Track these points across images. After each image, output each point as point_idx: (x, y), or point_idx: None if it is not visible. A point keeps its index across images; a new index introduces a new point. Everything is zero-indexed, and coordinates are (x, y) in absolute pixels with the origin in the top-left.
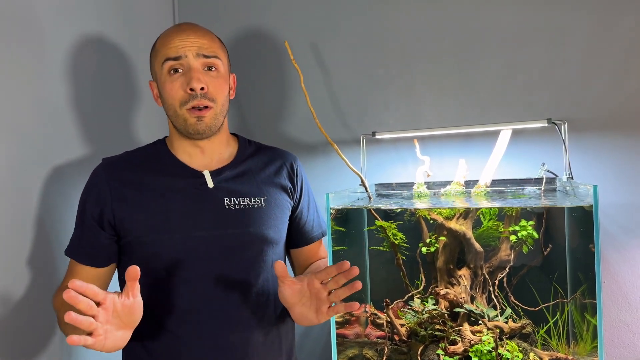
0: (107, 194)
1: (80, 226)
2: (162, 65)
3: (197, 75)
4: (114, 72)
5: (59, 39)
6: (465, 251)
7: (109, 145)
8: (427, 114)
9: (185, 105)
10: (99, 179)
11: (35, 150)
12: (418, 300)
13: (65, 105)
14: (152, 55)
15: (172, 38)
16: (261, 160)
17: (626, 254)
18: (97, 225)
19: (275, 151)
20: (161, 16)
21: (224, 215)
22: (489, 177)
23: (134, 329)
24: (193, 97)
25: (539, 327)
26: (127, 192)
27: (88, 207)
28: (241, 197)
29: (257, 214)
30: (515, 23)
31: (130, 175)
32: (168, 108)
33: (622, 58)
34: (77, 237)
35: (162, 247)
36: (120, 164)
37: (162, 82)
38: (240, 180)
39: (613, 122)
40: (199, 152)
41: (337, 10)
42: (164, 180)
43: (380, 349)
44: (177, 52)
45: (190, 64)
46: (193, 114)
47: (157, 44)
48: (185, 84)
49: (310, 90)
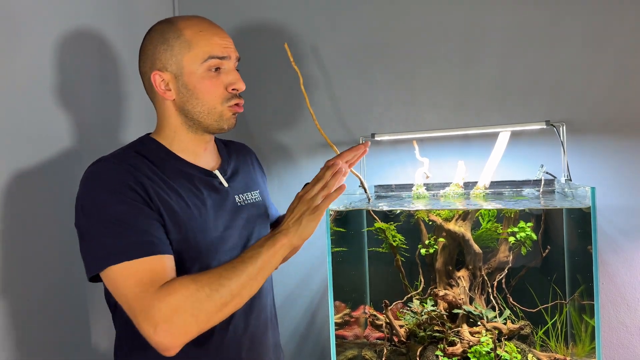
0: (144, 186)
1: (123, 222)
2: (202, 61)
3: (240, 77)
4: (112, 70)
5: (56, 36)
6: (464, 252)
7: (98, 143)
8: (426, 115)
9: (227, 103)
10: (126, 172)
11: (26, 147)
12: (417, 302)
13: (59, 103)
14: (175, 44)
15: (211, 35)
16: (238, 154)
17: (624, 256)
18: (150, 209)
19: (239, 144)
20: (160, 16)
21: (238, 214)
22: (488, 179)
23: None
24: (235, 96)
25: (537, 329)
26: (158, 190)
27: (126, 196)
28: (244, 193)
29: (259, 208)
30: (514, 25)
31: (150, 173)
32: (201, 104)
33: (621, 60)
34: (126, 233)
35: (197, 248)
36: (135, 162)
37: (200, 77)
38: (237, 177)
39: (611, 124)
40: (202, 150)
41: (337, 13)
42: (183, 181)
43: (379, 350)
44: (223, 52)
45: (232, 65)
46: (232, 109)
47: (189, 36)
48: (229, 83)
49: (309, 92)
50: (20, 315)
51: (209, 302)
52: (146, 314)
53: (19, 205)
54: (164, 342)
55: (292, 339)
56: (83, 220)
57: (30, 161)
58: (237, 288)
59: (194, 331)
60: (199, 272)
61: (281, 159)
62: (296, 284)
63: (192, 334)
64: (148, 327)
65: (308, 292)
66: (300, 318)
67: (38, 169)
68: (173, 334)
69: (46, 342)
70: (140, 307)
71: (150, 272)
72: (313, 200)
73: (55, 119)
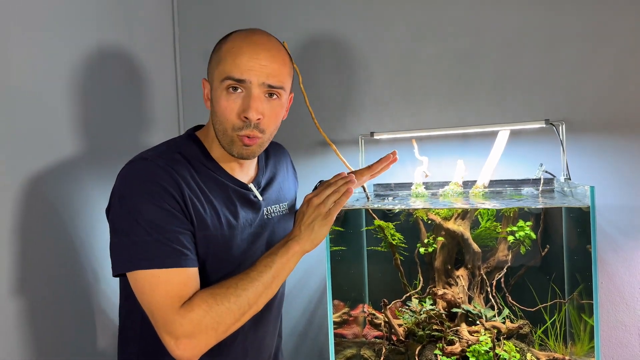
0: (182, 193)
1: (158, 227)
2: (221, 80)
3: (255, 106)
4: (113, 72)
5: (59, 39)
6: (463, 251)
7: (110, 146)
8: (426, 114)
9: (236, 131)
10: (167, 176)
11: (33, 150)
12: (416, 301)
13: (64, 107)
14: (214, 55)
15: (241, 54)
16: (275, 160)
17: (623, 255)
18: (185, 218)
19: (276, 145)
20: (160, 17)
21: (265, 226)
22: (487, 178)
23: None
24: (246, 126)
25: (536, 328)
26: (194, 200)
27: (165, 202)
28: (273, 205)
29: (286, 221)
30: (513, 24)
31: (190, 179)
32: (218, 123)
33: (620, 59)
34: (160, 240)
35: (220, 263)
36: (177, 166)
37: (218, 96)
38: (271, 188)
39: (611, 123)
40: (237, 166)
41: (336, 11)
42: (219, 191)
43: (378, 349)
44: (242, 75)
45: (252, 91)
46: (242, 140)
47: (224, 51)
48: (241, 109)
49: (309, 91)
50: (28, 314)
51: (228, 314)
52: (169, 327)
53: (27, 205)
54: (185, 355)
55: (291, 337)
56: (119, 215)
57: (40, 163)
58: (254, 297)
59: (214, 343)
60: (217, 284)
61: None
62: (295, 282)
63: (211, 345)
64: (170, 340)
65: (307, 290)
66: (299, 317)
67: (48, 170)
68: (194, 347)
69: (54, 340)
70: (163, 320)
71: (178, 284)
72: (324, 204)
73: (61, 120)
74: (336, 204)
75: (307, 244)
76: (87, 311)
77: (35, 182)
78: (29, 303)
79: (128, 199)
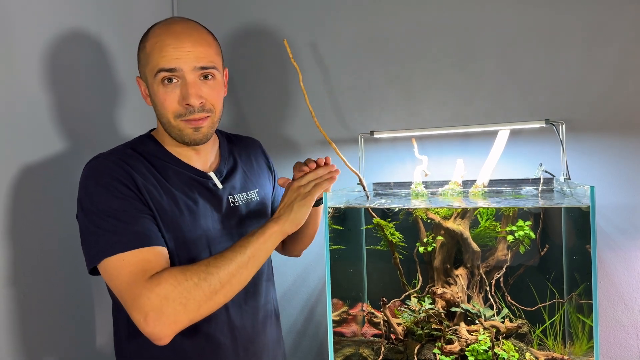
0: (134, 181)
1: (117, 216)
2: (154, 75)
3: (193, 91)
4: (109, 69)
5: (53, 35)
6: (463, 251)
7: (95, 142)
8: (426, 113)
9: (180, 118)
10: (117, 167)
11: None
12: (415, 300)
13: (53, 103)
14: (141, 54)
15: (165, 45)
16: (242, 151)
17: (622, 255)
18: (142, 204)
19: (245, 139)
20: (160, 14)
21: (231, 214)
22: (487, 177)
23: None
24: (190, 112)
25: (535, 327)
26: (150, 188)
27: (119, 191)
28: (240, 193)
29: (257, 207)
30: (513, 23)
31: (145, 170)
32: (161, 116)
33: (620, 59)
34: (120, 227)
35: (187, 247)
36: (129, 159)
37: (155, 90)
38: (234, 177)
39: (611, 123)
40: (194, 154)
41: (337, 10)
42: (177, 181)
43: (377, 347)
44: (171, 64)
45: (186, 77)
46: (190, 124)
47: (148, 47)
48: (181, 98)
49: (309, 89)
50: (25, 309)
51: (198, 290)
52: (136, 303)
53: (24, 200)
54: (155, 331)
55: (290, 335)
56: (81, 215)
57: (34, 158)
58: (226, 276)
59: (184, 320)
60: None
61: (280, 156)
62: (294, 281)
63: (182, 322)
64: (138, 316)
65: (306, 289)
66: (298, 315)
67: (42, 166)
68: (163, 323)
69: (51, 336)
70: (131, 296)
71: (142, 262)
72: (304, 187)
73: (56, 116)
74: (317, 185)
75: (287, 224)
76: (85, 308)
77: (27, 177)
78: (19, 300)
79: (86, 197)
